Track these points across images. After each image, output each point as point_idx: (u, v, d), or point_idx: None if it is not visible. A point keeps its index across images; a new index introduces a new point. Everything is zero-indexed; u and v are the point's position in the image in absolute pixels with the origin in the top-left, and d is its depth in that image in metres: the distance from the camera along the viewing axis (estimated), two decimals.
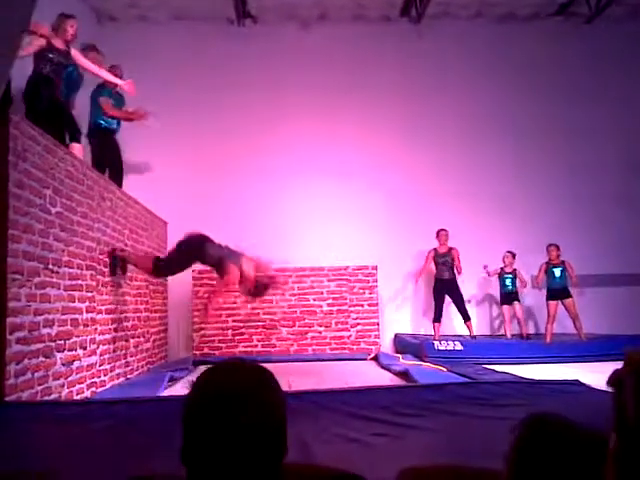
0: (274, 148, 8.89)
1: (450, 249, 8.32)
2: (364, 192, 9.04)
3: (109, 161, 6.86)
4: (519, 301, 8.42)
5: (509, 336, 8.35)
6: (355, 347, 8.32)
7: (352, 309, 8.41)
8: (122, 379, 5.93)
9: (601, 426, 0.92)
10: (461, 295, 8.30)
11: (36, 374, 3.93)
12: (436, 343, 7.70)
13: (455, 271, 8.27)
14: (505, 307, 8.50)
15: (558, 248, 8.13)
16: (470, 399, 3.13)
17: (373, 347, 8.28)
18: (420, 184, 9.17)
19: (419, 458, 1.55)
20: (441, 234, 8.38)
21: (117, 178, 6.95)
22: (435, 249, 8.39)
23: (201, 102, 8.96)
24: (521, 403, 2.98)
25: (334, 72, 9.18)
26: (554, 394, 3.06)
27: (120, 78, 6.81)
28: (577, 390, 3.31)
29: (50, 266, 4.26)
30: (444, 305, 8.36)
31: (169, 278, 8.43)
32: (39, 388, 3.97)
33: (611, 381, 0.75)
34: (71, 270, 4.68)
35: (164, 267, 5.99)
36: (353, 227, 8.95)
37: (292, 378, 5.37)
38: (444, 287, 8.28)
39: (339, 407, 2.89)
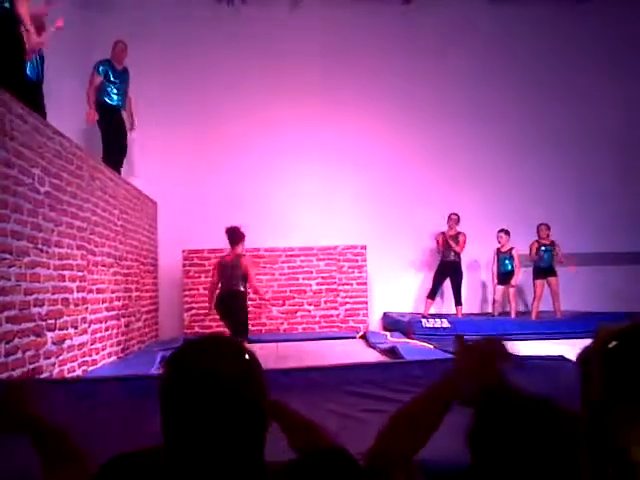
0: (263, 129, 8.84)
1: (458, 233, 8.38)
2: (353, 172, 9.04)
3: (115, 139, 6.93)
4: (513, 283, 8.40)
5: (495, 314, 8.45)
6: (344, 325, 8.40)
7: (341, 288, 8.47)
8: (114, 358, 5.96)
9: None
10: (461, 279, 8.40)
11: (27, 353, 3.94)
12: (424, 321, 7.79)
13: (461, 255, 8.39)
14: (499, 287, 8.49)
15: (548, 228, 8.20)
16: None
17: (361, 325, 8.36)
18: (409, 164, 9.18)
19: None
20: (451, 218, 8.42)
21: (120, 156, 7.02)
22: (443, 232, 8.45)
23: (191, 83, 8.86)
24: (510, 378, 3.02)
25: (324, 54, 9.09)
26: (538, 370, 3.11)
27: (122, 56, 6.86)
28: (562, 366, 3.36)
29: (40, 246, 4.26)
30: (441, 287, 8.53)
31: (159, 259, 8.47)
32: (30, 367, 3.99)
33: (580, 359, 0.77)
34: (61, 250, 4.68)
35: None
36: (342, 207, 8.96)
37: (281, 355, 5.42)
38: (448, 269, 8.37)
39: (329, 383, 2.92)
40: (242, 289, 6.13)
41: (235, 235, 6.20)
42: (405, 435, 1.28)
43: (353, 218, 8.92)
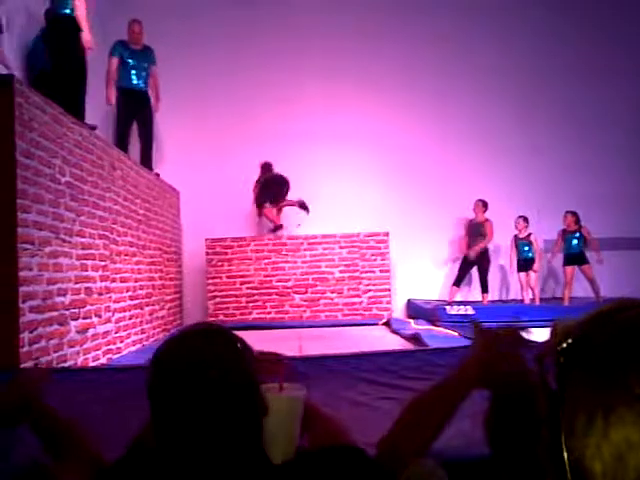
0: (283, 114, 8.79)
1: (486, 220, 8.27)
2: (376, 157, 8.98)
3: (137, 123, 6.99)
4: (534, 270, 8.30)
5: (526, 301, 8.33)
6: (367, 313, 8.36)
7: (364, 275, 8.42)
8: (138, 346, 6.03)
9: None
10: (488, 266, 8.32)
11: (51, 342, 4.00)
12: (448, 308, 7.72)
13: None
14: (521, 274, 8.41)
15: (574, 214, 8.07)
16: None
17: (385, 313, 8.32)
18: (432, 150, 9.07)
19: None
20: (477, 204, 8.31)
21: (146, 143, 7.07)
22: (470, 220, 8.35)
23: (210, 67, 8.84)
24: (530, 366, 2.97)
25: (355, 36, 8.97)
26: None
27: (137, 36, 6.93)
28: None
29: (62, 236, 4.30)
30: (468, 275, 8.47)
31: (183, 247, 8.53)
32: (54, 355, 4.04)
33: (536, 356, 0.71)
34: (83, 240, 4.72)
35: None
36: (365, 194, 8.91)
37: (303, 343, 5.42)
38: (475, 257, 8.28)
39: (347, 371, 2.91)
40: None
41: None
42: (420, 424, 1.25)
43: (376, 205, 8.86)
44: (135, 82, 7.01)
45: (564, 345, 0.65)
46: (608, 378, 0.59)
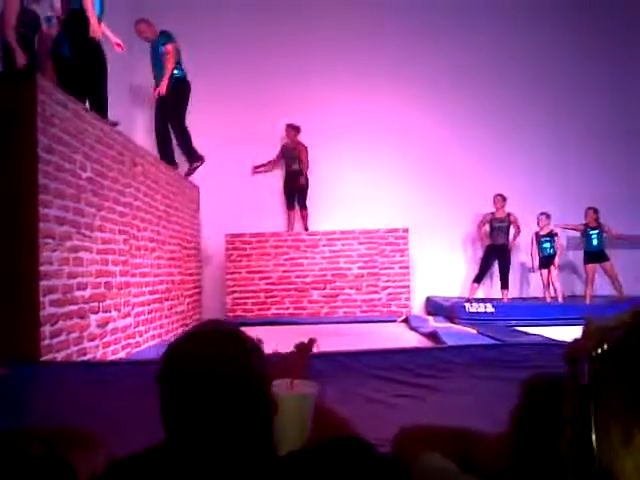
0: (302, 108, 8.77)
1: (508, 214, 8.21)
2: (395, 153, 8.94)
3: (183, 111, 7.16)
4: (555, 266, 8.22)
5: (549, 300, 8.24)
6: (385, 309, 8.34)
7: (383, 272, 8.40)
8: (157, 340, 6.08)
9: None
10: (509, 262, 8.26)
11: (71, 335, 4.05)
12: (467, 305, 7.67)
13: (509, 237, 8.21)
14: (543, 271, 8.33)
15: (596, 211, 7.98)
16: (496, 361, 3.11)
17: (404, 310, 8.29)
18: (451, 145, 9.00)
19: (440, 419, 1.54)
20: (497, 199, 8.24)
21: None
22: (492, 213, 8.29)
23: (228, 60, 8.87)
24: (549, 365, 2.94)
25: (375, 32, 8.95)
26: None
27: (142, 33, 6.96)
28: None
29: (82, 230, 4.35)
30: (489, 271, 8.43)
31: (202, 243, 8.57)
32: (74, 349, 4.10)
33: (568, 357, 0.69)
34: (103, 234, 4.77)
35: None
36: (384, 190, 8.88)
37: (321, 339, 5.41)
38: (496, 252, 8.23)
39: (362, 368, 2.91)
40: None
41: None
42: (444, 447, 1.24)
43: (395, 201, 8.83)
44: (181, 73, 7.12)
45: (599, 351, 0.64)
46: None
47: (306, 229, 8.63)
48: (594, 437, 0.59)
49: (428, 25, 9.05)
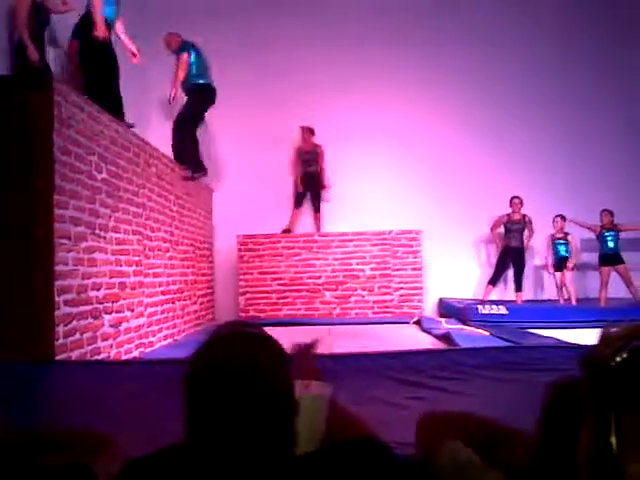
0: (314, 110, 8.76)
1: (524, 216, 8.18)
2: (409, 155, 8.91)
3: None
4: (569, 269, 8.15)
5: (562, 302, 8.19)
6: (398, 311, 8.32)
7: (395, 273, 8.38)
8: (169, 340, 6.11)
9: None
10: (524, 265, 8.22)
11: (85, 335, 4.09)
12: (480, 307, 7.62)
13: (524, 239, 8.17)
14: (557, 274, 8.27)
15: (612, 214, 7.92)
16: (509, 363, 3.10)
17: (416, 311, 8.26)
18: (466, 146, 8.96)
19: None
20: (514, 201, 8.21)
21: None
22: (508, 215, 8.25)
23: (239, 63, 8.89)
24: (563, 368, 2.92)
25: (387, 33, 8.94)
26: None
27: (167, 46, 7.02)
28: None
29: (97, 231, 4.39)
30: (504, 273, 8.42)
31: (215, 244, 8.61)
32: (88, 348, 4.13)
33: (585, 363, 0.69)
34: (118, 235, 4.81)
35: None
36: (397, 191, 8.86)
37: (333, 341, 5.43)
38: (511, 254, 8.19)
39: (375, 370, 2.91)
40: None
41: None
42: (467, 437, 1.24)
43: (409, 203, 8.80)
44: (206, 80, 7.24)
45: (617, 359, 0.64)
46: None
47: (318, 230, 8.64)
48: (613, 441, 0.59)
49: (437, 26, 9.01)
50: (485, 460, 1.10)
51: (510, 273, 8.49)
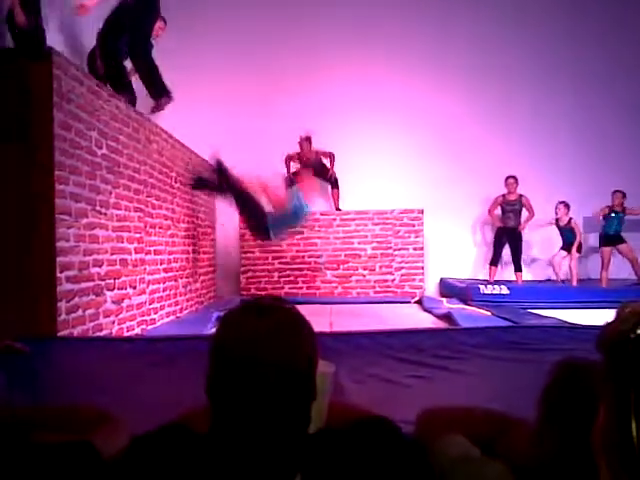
0: (315, 88, 8.69)
1: (520, 196, 8.12)
2: (411, 134, 8.85)
3: None
4: (574, 251, 8.13)
5: (558, 280, 8.21)
6: (399, 290, 8.33)
7: (397, 253, 8.38)
8: (172, 317, 6.13)
9: None
10: (521, 245, 8.17)
11: (87, 311, 4.09)
12: (482, 287, 7.63)
13: (521, 220, 8.11)
14: (563, 252, 8.24)
15: (624, 195, 7.86)
16: (510, 343, 3.09)
17: (417, 291, 8.27)
18: (468, 126, 8.89)
19: (453, 400, 1.54)
20: (509, 181, 8.14)
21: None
22: (504, 195, 8.19)
23: (238, 40, 8.79)
24: (564, 348, 2.92)
25: (388, 10, 8.81)
26: None
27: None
28: None
29: (98, 207, 4.37)
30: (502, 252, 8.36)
31: (216, 222, 8.59)
32: (90, 325, 4.14)
33: (603, 343, 0.67)
34: (119, 212, 4.79)
35: None
36: (399, 170, 8.81)
37: (334, 319, 5.44)
38: (506, 235, 8.15)
39: (375, 348, 2.91)
40: None
41: None
42: (469, 430, 1.23)
43: (410, 182, 8.77)
44: None
45: (638, 331, 0.62)
46: None
47: (337, 209, 8.57)
48: (634, 424, 0.58)
49: (446, 7, 8.88)
50: (487, 452, 1.09)
51: (508, 253, 8.43)
